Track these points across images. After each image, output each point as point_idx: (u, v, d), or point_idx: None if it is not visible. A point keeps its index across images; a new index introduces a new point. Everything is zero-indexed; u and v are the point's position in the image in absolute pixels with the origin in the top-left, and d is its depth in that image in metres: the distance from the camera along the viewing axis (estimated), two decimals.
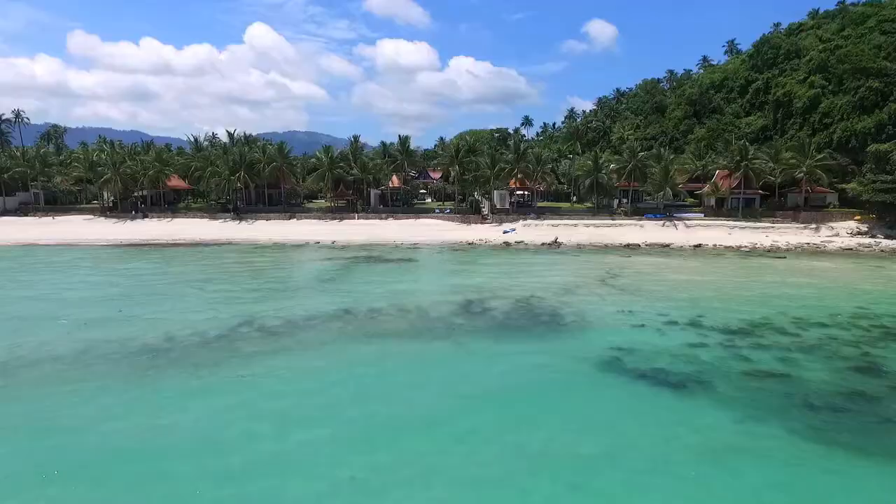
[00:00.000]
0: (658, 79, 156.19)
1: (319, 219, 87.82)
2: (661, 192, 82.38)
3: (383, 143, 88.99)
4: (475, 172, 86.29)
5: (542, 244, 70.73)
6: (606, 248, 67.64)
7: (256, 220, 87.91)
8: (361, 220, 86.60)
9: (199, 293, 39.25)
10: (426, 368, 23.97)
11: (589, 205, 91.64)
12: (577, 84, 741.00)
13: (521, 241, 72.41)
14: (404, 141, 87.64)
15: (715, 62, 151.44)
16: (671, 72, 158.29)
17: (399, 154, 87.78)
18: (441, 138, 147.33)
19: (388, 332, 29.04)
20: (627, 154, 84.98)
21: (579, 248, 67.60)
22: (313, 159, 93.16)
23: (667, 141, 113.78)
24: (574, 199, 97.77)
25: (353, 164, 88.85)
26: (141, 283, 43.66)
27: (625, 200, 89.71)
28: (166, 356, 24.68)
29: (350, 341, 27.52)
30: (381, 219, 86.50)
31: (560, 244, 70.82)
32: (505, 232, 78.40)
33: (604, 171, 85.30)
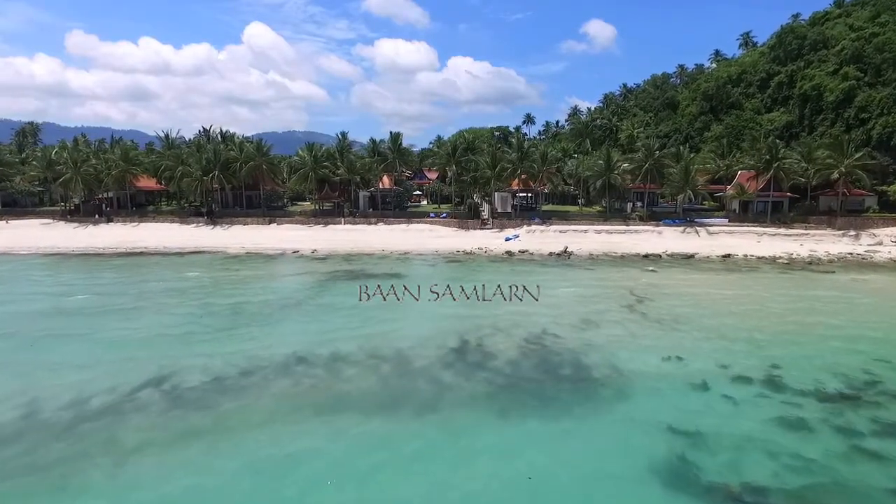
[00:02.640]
0: (669, 73, 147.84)
1: (302, 223, 79.43)
2: (682, 195, 74.02)
3: (373, 140, 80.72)
4: (474, 172, 77.88)
5: (550, 254, 62.46)
6: (623, 259, 59.35)
7: (232, 224, 79.53)
8: (348, 225, 78.24)
9: (115, 328, 30.79)
10: (393, 477, 15.54)
11: (599, 208, 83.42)
12: (577, 85, 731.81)
13: (526, 250, 64.14)
14: (395, 138, 79.24)
15: (729, 56, 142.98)
16: (681, 66, 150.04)
17: (390, 152, 79.37)
18: (438, 136, 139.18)
19: (348, 401, 20.65)
20: (643, 153, 76.59)
21: (592, 259, 59.29)
22: (296, 158, 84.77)
23: (681, 139, 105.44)
24: (581, 201, 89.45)
25: (339, 163, 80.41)
26: (52, 311, 35.24)
27: (639, 204, 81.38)
28: None
29: (290, 419, 19.15)
30: (369, 223, 78.12)
31: (570, 254, 62.51)
32: (507, 239, 70.10)
33: (616, 172, 76.91)
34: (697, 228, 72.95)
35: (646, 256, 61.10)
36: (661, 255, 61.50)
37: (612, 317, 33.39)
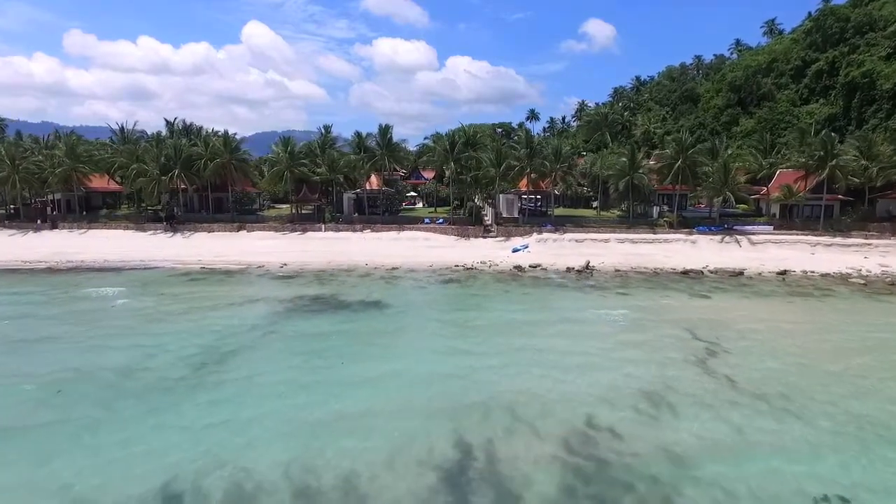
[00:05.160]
0: (686, 64, 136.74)
1: (276, 230, 68.40)
2: (719, 198, 62.91)
3: (358, 134, 69.43)
4: (476, 171, 66.84)
5: (568, 270, 51.48)
6: (658, 277, 48.40)
7: (195, 231, 68.51)
8: (329, 233, 67.19)
9: None
10: None
11: (619, 213, 72.43)
12: (577, 84, 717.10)
13: (538, 265, 53.13)
14: (385, 131, 68.06)
15: (752, 46, 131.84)
16: (698, 57, 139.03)
17: (378, 147, 68.28)
18: (436, 132, 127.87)
19: None
20: (673, 149, 65.48)
21: (620, 277, 48.31)
22: (270, 155, 73.75)
23: (706, 134, 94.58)
24: (596, 204, 78.74)
25: (320, 160, 69.35)
26: None
27: (665, 208, 70.45)
28: None
29: None
30: (353, 231, 67.08)
31: (592, 270, 51.51)
32: (514, 250, 59.07)
33: (641, 171, 65.84)
34: (738, 237, 62.02)
35: (685, 273, 50.17)
36: (702, 272, 50.60)
37: (686, 387, 22.38)
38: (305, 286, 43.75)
